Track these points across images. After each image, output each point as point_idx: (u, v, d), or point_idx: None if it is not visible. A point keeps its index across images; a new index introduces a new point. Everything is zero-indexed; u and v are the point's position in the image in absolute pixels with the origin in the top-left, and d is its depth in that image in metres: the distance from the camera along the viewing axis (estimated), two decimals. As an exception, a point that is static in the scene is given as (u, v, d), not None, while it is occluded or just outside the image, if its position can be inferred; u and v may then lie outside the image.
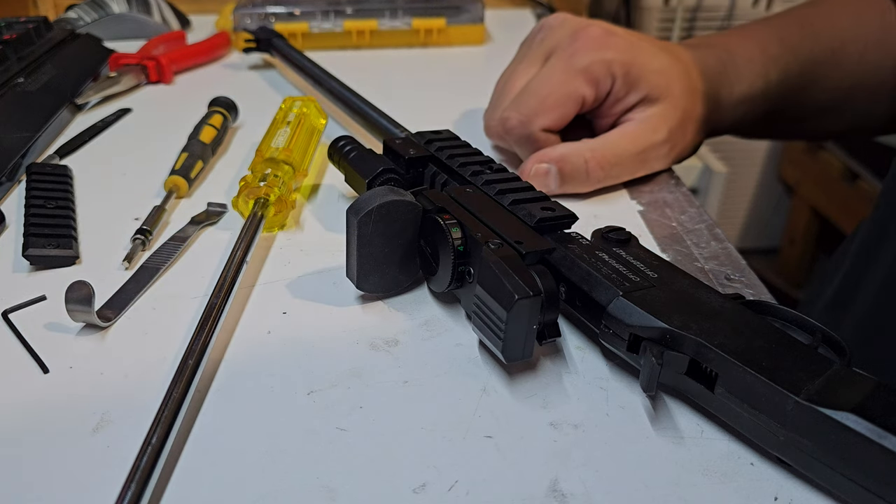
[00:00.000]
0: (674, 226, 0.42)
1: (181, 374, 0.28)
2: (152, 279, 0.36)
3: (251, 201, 0.40)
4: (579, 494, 0.25)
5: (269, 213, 0.40)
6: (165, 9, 0.82)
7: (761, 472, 0.26)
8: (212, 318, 0.31)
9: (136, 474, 0.24)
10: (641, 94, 0.45)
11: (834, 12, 0.54)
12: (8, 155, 0.48)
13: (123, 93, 0.64)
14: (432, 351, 0.32)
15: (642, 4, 1.41)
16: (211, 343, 0.31)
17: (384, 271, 0.34)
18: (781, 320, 0.29)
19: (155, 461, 0.25)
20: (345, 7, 0.76)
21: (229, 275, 0.34)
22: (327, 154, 0.43)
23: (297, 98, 0.51)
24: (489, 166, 0.38)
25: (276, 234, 0.41)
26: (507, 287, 0.27)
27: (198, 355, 0.29)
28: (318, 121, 0.50)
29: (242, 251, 0.36)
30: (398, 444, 0.27)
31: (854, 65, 0.53)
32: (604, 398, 0.29)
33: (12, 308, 0.34)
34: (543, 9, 0.93)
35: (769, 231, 1.70)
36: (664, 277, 0.30)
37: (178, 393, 0.27)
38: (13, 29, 0.64)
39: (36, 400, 0.29)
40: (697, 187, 1.50)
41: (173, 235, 0.40)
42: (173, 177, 0.45)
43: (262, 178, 0.41)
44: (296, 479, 0.25)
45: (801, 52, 0.52)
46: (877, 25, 0.52)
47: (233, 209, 0.42)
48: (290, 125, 0.47)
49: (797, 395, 0.24)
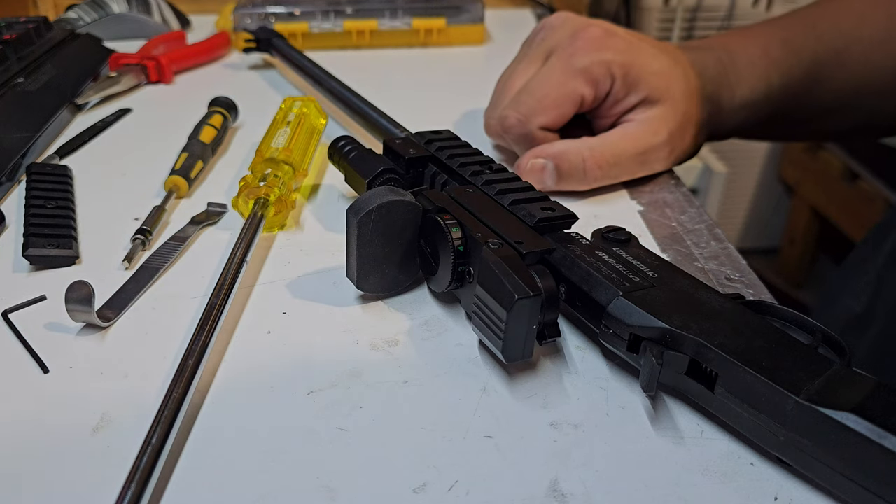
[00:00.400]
0: (674, 226, 0.42)
1: (181, 374, 0.28)
2: (152, 279, 0.36)
3: (251, 201, 0.40)
4: (579, 494, 0.25)
5: (269, 213, 0.40)
6: (165, 9, 0.82)
7: (761, 472, 0.26)
8: (212, 318, 0.31)
9: (136, 474, 0.24)
10: (641, 96, 0.45)
11: (838, 13, 0.54)
12: (8, 155, 0.48)
13: (123, 93, 0.64)
14: (432, 351, 0.32)
15: (642, 4, 1.41)
16: (211, 343, 0.31)
17: (384, 271, 0.34)
18: (781, 320, 0.29)
19: (155, 461, 0.25)
20: (345, 7, 0.76)
21: (229, 275, 0.34)
22: (327, 154, 0.43)
23: (298, 98, 0.51)
24: (489, 166, 0.38)
25: (276, 234, 0.41)
26: (508, 287, 0.27)
27: (198, 355, 0.29)
28: (319, 121, 0.50)
29: (242, 251, 0.36)
30: (398, 444, 0.27)
31: (859, 65, 0.53)
32: (604, 398, 0.29)
33: (12, 308, 0.34)
34: (543, 9, 0.93)
35: (769, 231, 1.70)
36: (664, 277, 0.30)
37: (178, 393, 0.27)
38: (13, 29, 0.64)
39: (36, 400, 0.29)
40: (697, 187, 1.50)
41: (173, 235, 0.40)
42: (173, 177, 0.45)
43: (262, 178, 0.41)
44: (296, 479, 0.25)
45: (804, 54, 0.51)
46: (882, 26, 0.52)
47: (233, 209, 0.42)
48: (290, 125, 0.47)
49: (797, 395, 0.24)
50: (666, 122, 0.45)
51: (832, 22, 0.53)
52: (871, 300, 0.55)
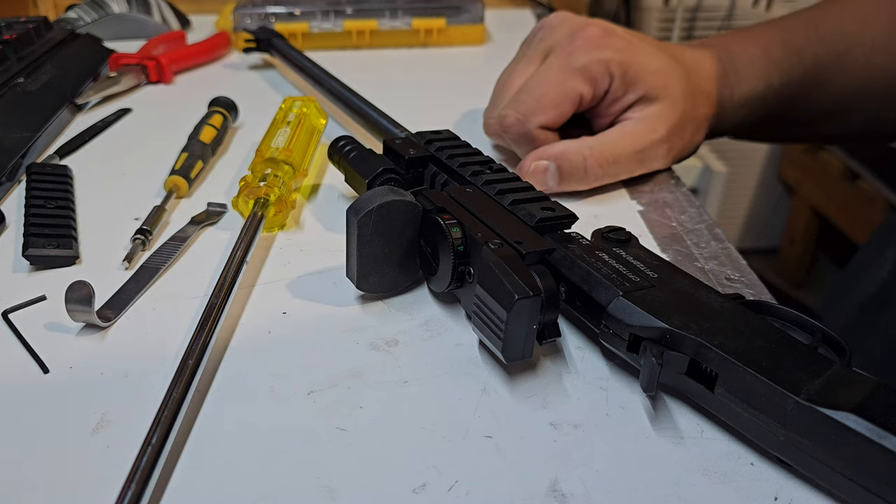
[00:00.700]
0: (674, 226, 0.42)
1: (181, 374, 0.28)
2: (152, 279, 0.36)
3: (251, 201, 0.40)
4: (579, 494, 0.25)
5: (270, 213, 0.40)
6: (165, 9, 0.82)
7: (761, 472, 0.26)
8: (212, 318, 0.31)
9: (136, 474, 0.24)
10: (639, 94, 0.45)
11: (840, 15, 0.54)
12: (8, 155, 0.48)
13: (123, 93, 0.64)
14: (432, 351, 0.32)
15: (642, 4, 1.41)
16: (211, 343, 0.31)
17: (384, 271, 0.34)
18: (781, 320, 0.29)
19: (155, 461, 0.25)
20: (345, 7, 0.76)
21: (229, 275, 0.34)
22: (327, 154, 0.43)
23: (298, 98, 0.51)
24: (489, 166, 0.38)
25: (276, 234, 0.41)
26: (508, 287, 0.27)
27: (198, 355, 0.29)
28: (319, 121, 0.50)
29: (242, 251, 0.36)
30: (398, 444, 0.27)
31: (860, 68, 0.52)
32: (604, 398, 0.29)
33: (12, 308, 0.34)
34: (543, 9, 0.93)
35: (769, 231, 1.70)
36: (664, 277, 0.30)
37: (178, 393, 0.27)
38: (13, 29, 0.64)
39: (36, 400, 0.29)
40: (697, 187, 1.50)
41: (173, 235, 0.40)
42: (173, 177, 0.45)
43: (262, 178, 0.41)
44: (296, 479, 0.25)
45: (805, 56, 0.51)
46: (884, 29, 0.52)
47: (233, 209, 0.42)
48: (290, 125, 0.47)
49: (797, 394, 0.24)
50: (664, 120, 0.45)
51: (834, 24, 0.53)
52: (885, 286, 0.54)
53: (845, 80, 0.53)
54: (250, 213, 0.39)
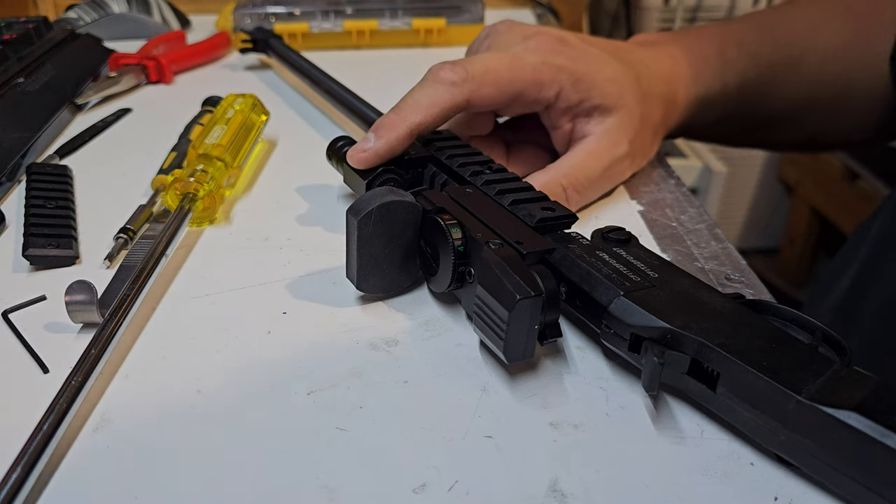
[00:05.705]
0: (674, 226, 0.42)
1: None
2: (133, 276, 0.36)
3: (180, 196, 0.41)
4: (579, 494, 0.25)
5: (198, 208, 0.41)
6: (165, 9, 0.82)
7: (761, 472, 0.26)
8: (125, 305, 0.31)
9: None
10: (594, 103, 0.43)
11: (794, 20, 0.53)
12: (8, 155, 0.48)
13: (123, 93, 0.64)
14: (432, 351, 0.32)
15: (642, 4, 1.41)
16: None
17: (384, 272, 0.34)
18: (781, 320, 0.29)
19: (154, 461, 0.25)
20: (345, 7, 0.76)
21: (146, 268, 0.34)
22: (326, 154, 0.43)
23: (239, 95, 0.51)
24: (489, 166, 0.38)
25: (271, 234, 0.41)
26: (509, 287, 0.27)
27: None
28: (259, 117, 0.50)
29: (164, 244, 0.36)
30: (398, 444, 0.27)
31: (813, 74, 0.52)
32: (604, 398, 0.29)
33: (12, 308, 0.34)
34: (543, 9, 0.93)
35: (769, 231, 1.70)
36: (665, 277, 0.30)
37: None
38: (13, 29, 0.64)
39: (36, 400, 0.29)
40: (697, 187, 1.50)
41: (143, 234, 0.40)
42: (161, 176, 0.45)
43: (192, 174, 0.41)
44: (296, 479, 0.25)
45: (759, 58, 0.51)
46: (837, 36, 0.52)
47: (162, 203, 0.42)
48: (228, 122, 0.47)
49: (798, 394, 0.24)
50: (625, 132, 0.43)
51: (788, 28, 0.52)
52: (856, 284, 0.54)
53: (798, 85, 0.52)
54: (177, 208, 0.39)
